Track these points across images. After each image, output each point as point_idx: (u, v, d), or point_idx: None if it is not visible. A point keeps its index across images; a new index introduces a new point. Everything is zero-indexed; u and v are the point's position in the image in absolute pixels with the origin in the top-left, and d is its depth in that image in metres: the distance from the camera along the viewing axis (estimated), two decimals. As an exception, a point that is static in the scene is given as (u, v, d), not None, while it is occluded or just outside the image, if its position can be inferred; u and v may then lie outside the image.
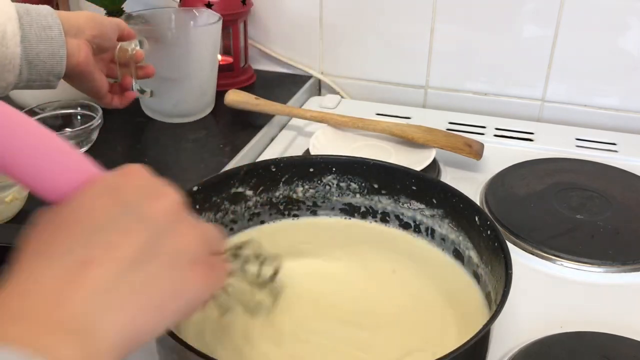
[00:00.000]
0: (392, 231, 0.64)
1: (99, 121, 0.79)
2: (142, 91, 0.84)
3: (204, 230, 0.35)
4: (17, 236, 0.31)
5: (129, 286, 0.30)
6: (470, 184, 0.77)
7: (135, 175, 0.34)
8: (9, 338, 0.26)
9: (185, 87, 0.87)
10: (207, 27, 0.86)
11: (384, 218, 0.65)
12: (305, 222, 0.66)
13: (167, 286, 0.31)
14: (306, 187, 0.65)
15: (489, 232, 0.54)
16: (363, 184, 0.65)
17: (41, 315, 0.28)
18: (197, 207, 0.59)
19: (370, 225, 0.65)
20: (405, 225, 0.64)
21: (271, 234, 0.64)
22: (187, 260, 0.33)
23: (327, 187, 0.65)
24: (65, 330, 0.27)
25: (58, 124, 0.80)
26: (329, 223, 0.66)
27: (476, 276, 0.58)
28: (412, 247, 0.62)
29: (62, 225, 0.31)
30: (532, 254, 0.66)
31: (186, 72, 0.86)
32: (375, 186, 0.64)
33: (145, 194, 0.33)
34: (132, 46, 0.79)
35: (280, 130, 0.91)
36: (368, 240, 0.64)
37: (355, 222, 0.66)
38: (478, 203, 0.65)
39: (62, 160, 0.34)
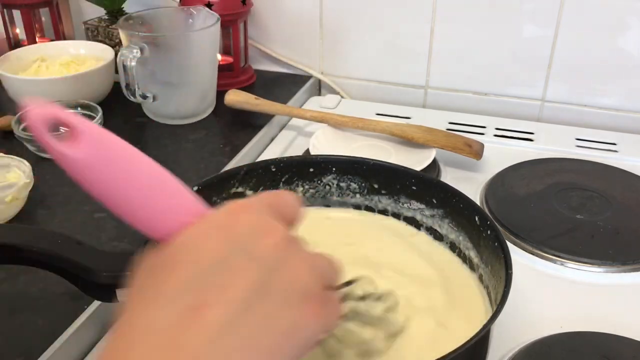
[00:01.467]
0: (394, 224, 0.64)
1: (99, 121, 0.79)
2: (144, 97, 0.84)
3: (317, 262, 0.34)
4: (17, 236, 0.31)
5: (245, 329, 0.29)
6: (470, 184, 0.77)
7: (243, 213, 0.33)
8: None
9: (187, 91, 0.87)
10: (206, 30, 0.86)
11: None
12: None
13: (282, 326, 0.30)
14: (306, 187, 0.65)
15: (489, 232, 0.54)
16: (363, 184, 0.65)
17: None
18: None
19: (374, 218, 0.65)
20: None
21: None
22: (301, 295, 0.31)
23: (327, 187, 0.65)
24: None
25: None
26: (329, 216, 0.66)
27: (476, 276, 0.58)
28: (413, 244, 0.62)
29: (169, 267, 0.30)
30: (532, 254, 0.66)
31: (187, 77, 0.86)
32: (375, 186, 0.64)
33: (254, 231, 0.32)
34: (134, 52, 0.80)
35: (280, 130, 0.91)
36: (370, 232, 0.64)
37: (356, 216, 0.66)
38: (478, 203, 0.65)
39: (174, 202, 0.33)
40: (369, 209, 0.66)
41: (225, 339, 0.28)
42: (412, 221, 0.64)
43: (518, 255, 0.65)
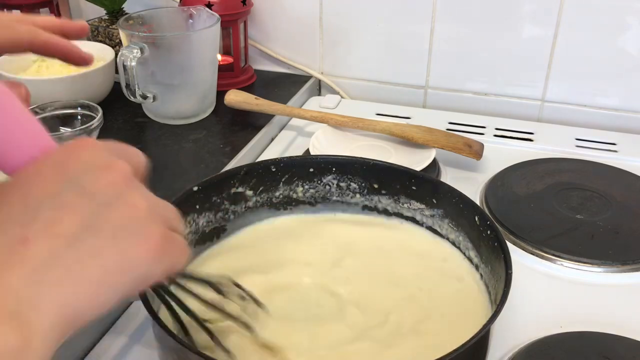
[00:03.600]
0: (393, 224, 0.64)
1: (99, 121, 0.79)
2: (144, 97, 0.84)
3: (156, 202, 0.34)
4: None
5: (69, 261, 0.29)
6: (470, 184, 0.77)
7: (84, 149, 0.33)
8: None
9: (187, 91, 0.87)
10: (206, 30, 0.86)
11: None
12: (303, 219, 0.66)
13: (109, 260, 0.30)
14: (306, 187, 0.65)
15: (489, 232, 0.54)
16: (363, 184, 0.65)
17: None
18: (197, 207, 0.59)
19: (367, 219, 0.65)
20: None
21: (271, 233, 0.64)
22: (134, 231, 0.32)
23: (327, 187, 0.65)
24: (2, 314, 0.26)
25: (58, 124, 0.80)
26: (329, 219, 0.66)
27: (476, 276, 0.58)
28: (412, 244, 0.62)
29: (3, 202, 0.30)
30: (532, 254, 0.66)
31: (187, 77, 0.86)
32: (375, 186, 0.64)
33: (91, 167, 0.32)
34: (134, 52, 0.80)
35: (280, 130, 0.91)
36: (367, 235, 0.64)
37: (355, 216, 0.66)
38: (478, 203, 0.65)
39: (24, 137, 0.33)
40: (369, 208, 0.66)
41: (46, 272, 0.28)
42: (412, 221, 0.64)
43: (518, 255, 0.65)
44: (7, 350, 0.25)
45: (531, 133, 0.90)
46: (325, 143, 0.82)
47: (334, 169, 0.65)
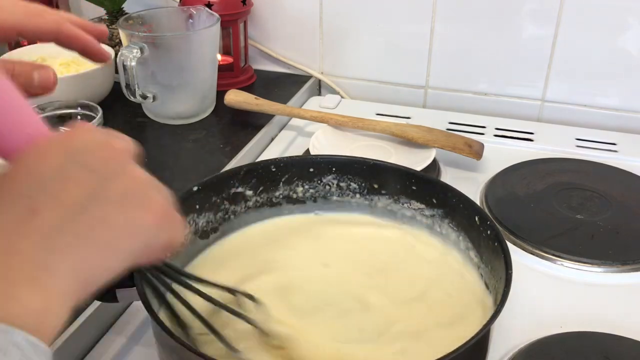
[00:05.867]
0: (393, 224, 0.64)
1: (99, 121, 0.79)
2: (144, 97, 0.84)
3: (154, 179, 0.36)
4: None
5: (78, 227, 0.31)
6: (470, 184, 0.77)
7: (84, 132, 0.35)
8: None
9: (187, 91, 0.87)
10: (206, 30, 0.86)
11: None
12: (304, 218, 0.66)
13: (118, 225, 0.32)
14: (306, 187, 0.65)
15: (489, 232, 0.54)
16: (363, 184, 0.65)
17: None
18: (197, 207, 0.59)
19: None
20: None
21: (271, 233, 0.64)
22: (138, 202, 0.34)
23: (327, 187, 0.65)
24: (21, 279, 0.28)
25: (58, 124, 0.80)
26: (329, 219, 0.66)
27: (476, 276, 0.58)
28: (413, 244, 0.62)
29: (11, 179, 0.32)
30: (532, 254, 0.66)
31: (187, 77, 0.86)
32: (375, 186, 0.64)
33: (91, 145, 0.34)
34: (134, 52, 0.80)
35: (280, 130, 0.91)
36: (367, 235, 0.64)
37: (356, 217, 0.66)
38: (478, 203, 0.65)
39: (20, 123, 0.35)
40: (369, 208, 0.66)
41: (57, 237, 0.30)
42: (412, 221, 0.64)
43: (518, 255, 0.65)
44: (30, 312, 0.27)
45: (531, 133, 0.90)
46: (325, 143, 0.82)
47: (334, 169, 0.65)
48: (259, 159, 0.84)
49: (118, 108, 0.91)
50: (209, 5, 0.93)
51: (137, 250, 0.34)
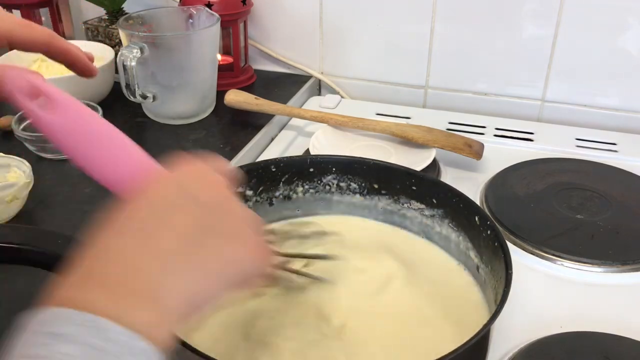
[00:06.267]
0: (391, 229, 0.64)
1: (99, 121, 0.78)
2: (144, 97, 0.84)
3: (249, 213, 0.40)
4: (17, 236, 0.32)
5: (191, 255, 0.34)
6: (470, 184, 0.77)
7: (193, 167, 0.39)
8: (95, 307, 0.30)
9: (187, 91, 0.87)
10: (206, 30, 0.86)
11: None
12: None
13: (225, 256, 0.36)
14: (306, 187, 0.65)
15: (489, 232, 0.54)
16: (363, 184, 0.65)
17: (114, 282, 0.32)
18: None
19: (369, 224, 0.65)
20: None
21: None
22: (238, 236, 0.38)
23: (327, 187, 0.65)
24: (138, 295, 0.32)
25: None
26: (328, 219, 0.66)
27: (476, 276, 0.58)
28: (412, 247, 0.62)
29: (133, 209, 0.36)
30: (532, 254, 0.66)
31: (187, 77, 0.86)
32: (375, 186, 0.64)
33: (199, 182, 0.38)
34: (134, 52, 0.79)
35: (280, 130, 0.91)
36: (367, 237, 0.64)
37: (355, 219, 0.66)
38: (478, 203, 0.65)
39: (126, 157, 0.41)
40: (369, 208, 0.66)
41: (173, 262, 0.33)
42: (412, 221, 0.64)
43: (518, 255, 0.65)
44: (148, 323, 0.31)
45: (531, 133, 0.90)
46: (325, 143, 0.82)
47: (334, 169, 0.65)
48: (259, 159, 0.84)
49: (118, 108, 0.91)
50: (209, 5, 0.93)
51: (237, 279, 0.37)
